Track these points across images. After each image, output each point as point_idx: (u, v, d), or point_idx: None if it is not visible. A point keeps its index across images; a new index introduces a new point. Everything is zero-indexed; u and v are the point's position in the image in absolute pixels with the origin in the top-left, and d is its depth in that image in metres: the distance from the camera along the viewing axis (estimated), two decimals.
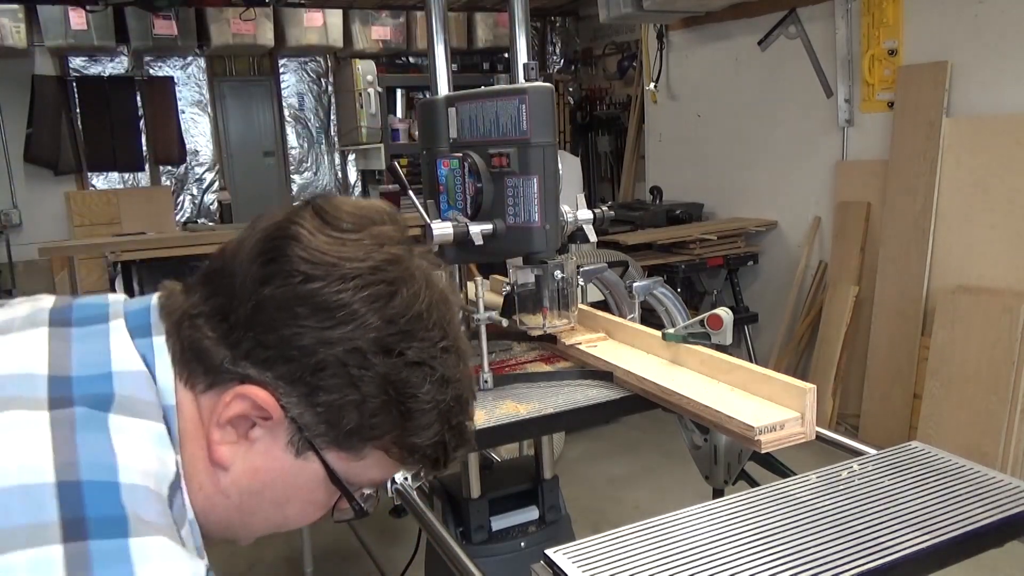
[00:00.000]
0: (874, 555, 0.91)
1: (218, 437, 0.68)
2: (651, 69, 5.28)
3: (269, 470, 0.70)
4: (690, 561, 0.92)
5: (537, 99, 1.42)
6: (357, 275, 0.67)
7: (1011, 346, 3.17)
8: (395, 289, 0.68)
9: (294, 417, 0.68)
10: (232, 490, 0.70)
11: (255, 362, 0.67)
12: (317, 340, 0.66)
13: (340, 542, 3.26)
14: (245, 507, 0.72)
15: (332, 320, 0.66)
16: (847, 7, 3.96)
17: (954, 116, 3.54)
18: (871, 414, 3.82)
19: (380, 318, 0.67)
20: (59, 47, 5.22)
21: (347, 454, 0.70)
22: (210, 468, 0.69)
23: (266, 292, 0.67)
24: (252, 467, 0.70)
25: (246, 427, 0.69)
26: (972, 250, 3.47)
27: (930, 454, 1.17)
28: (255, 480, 0.70)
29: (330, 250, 0.68)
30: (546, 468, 1.89)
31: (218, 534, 0.74)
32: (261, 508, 0.73)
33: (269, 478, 0.71)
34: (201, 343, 0.68)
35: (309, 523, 0.78)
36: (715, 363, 1.39)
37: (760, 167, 4.60)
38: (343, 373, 0.67)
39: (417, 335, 0.69)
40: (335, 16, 5.63)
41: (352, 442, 0.70)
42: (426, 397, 0.69)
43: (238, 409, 0.67)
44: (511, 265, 1.55)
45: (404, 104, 6.09)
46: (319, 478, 0.71)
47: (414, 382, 0.69)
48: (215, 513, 0.71)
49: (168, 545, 0.58)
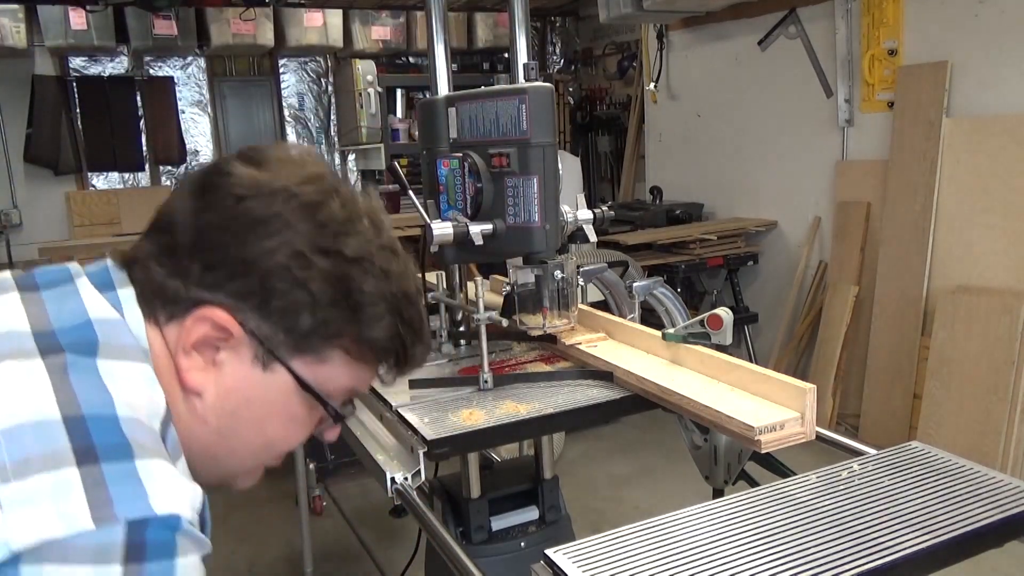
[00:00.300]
0: (874, 555, 0.91)
1: (187, 364, 0.72)
2: (651, 69, 5.28)
3: (240, 389, 0.73)
4: (690, 561, 0.92)
5: (537, 99, 1.42)
6: (285, 189, 0.73)
7: (1011, 346, 3.17)
8: (323, 199, 0.74)
9: (253, 330, 0.72)
10: (209, 415, 0.73)
11: (206, 286, 0.71)
12: (259, 251, 0.71)
13: (340, 542, 3.26)
14: (225, 430, 0.74)
15: (268, 230, 0.71)
16: (847, 7, 3.97)
17: (954, 116, 3.54)
18: (871, 414, 3.82)
19: (312, 223, 0.72)
20: (59, 47, 5.21)
21: (310, 358, 0.74)
22: (186, 398, 0.72)
23: (205, 218, 0.72)
24: (224, 389, 0.73)
25: (212, 352, 0.72)
26: (972, 250, 3.47)
27: (930, 454, 1.17)
28: (229, 400, 0.73)
29: (259, 176, 0.74)
30: (546, 468, 1.89)
31: (208, 471, 0.76)
32: (241, 430, 0.75)
33: (242, 396, 0.74)
34: (155, 280, 0.72)
35: (295, 445, 0.80)
36: (715, 363, 1.39)
37: (760, 167, 4.60)
38: (288, 277, 0.71)
39: (351, 235, 0.74)
40: (335, 16, 5.63)
41: (312, 344, 0.73)
42: (371, 290, 0.74)
43: (200, 332, 0.71)
44: (511, 265, 1.55)
45: (404, 104, 6.09)
46: (290, 389, 0.74)
47: (356, 276, 0.73)
48: (198, 443, 0.73)
49: (168, 467, 0.62)
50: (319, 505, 3.43)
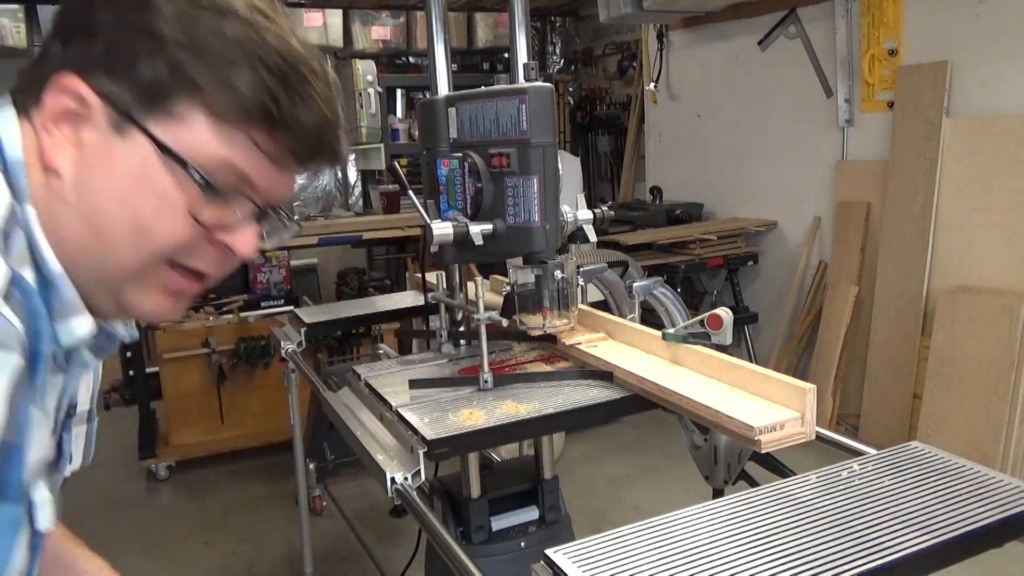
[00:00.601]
0: (874, 555, 0.91)
1: (48, 144, 0.69)
2: (651, 69, 5.28)
3: (99, 160, 0.69)
4: (690, 561, 0.92)
5: (537, 99, 1.42)
6: None
7: (1011, 346, 3.17)
8: None
9: (103, 91, 0.68)
10: (69, 193, 0.69)
11: (65, 60, 0.69)
12: (105, 6, 0.68)
13: (340, 542, 3.26)
14: (87, 210, 0.69)
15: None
16: (847, 7, 3.97)
17: (954, 116, 3.54)
18: (871, 414, 3.82)
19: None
20: None
21: (166, 118, 0.68)
22: (47, 179, 0.69)
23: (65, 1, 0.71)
24: (83, 163, 0.69)
25: (73, 130, 0.69)
26: (972, 250, 3.47)
27: (930, 454, 1.17)
28: (89, 174, 0.69)
29: None
30: (546, 468, 1.89)
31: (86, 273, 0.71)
32: (107, 209, 0.69)
33: (103, 169, 0.69)
34: (27, 71, 0.72)
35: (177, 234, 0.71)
36: (715, 363, 1.39)
37: (760, 167, 4.60)
38: (128, 24, 0.67)
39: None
40: (335, 16, 5.63)
41: (165, 100, 0.68)
42: (226, 32, 0.68)
43: (57, 104, 0.68)
44: (511, 265, 1.55)
45: (404, 104, 6.08)
46: (152, 157, 0.68)
47: (205, 20, 0.67)
48: (65, 230, 0.69)
49: None
50: (319, 505, 3.43)
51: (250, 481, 3.82)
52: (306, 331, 2.20)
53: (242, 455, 3.95)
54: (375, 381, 1.64)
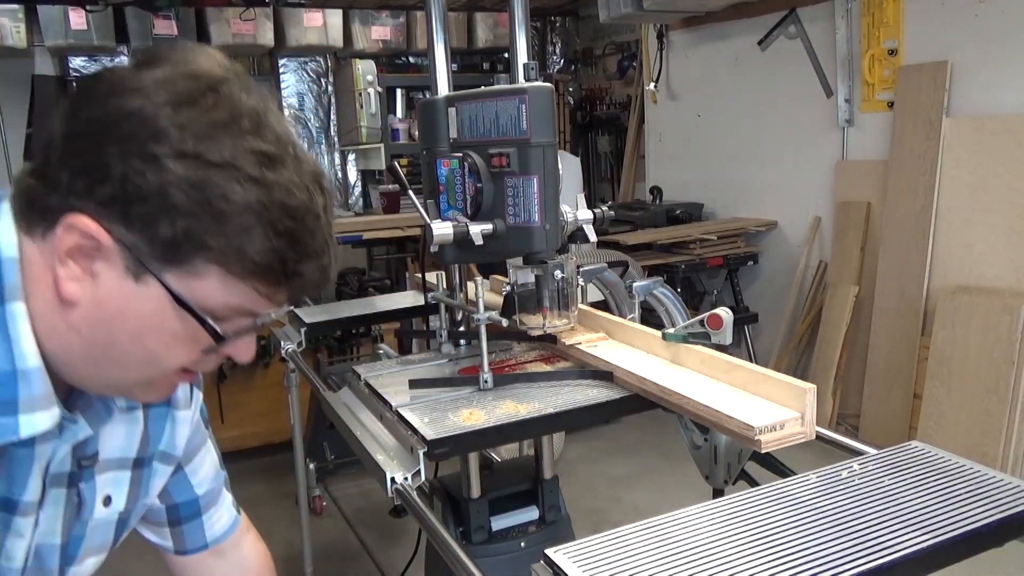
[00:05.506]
0: (874, 555, 0.91)
1: (63, 274, 0.70)
2: (651, 69, 5.28)
3: (113, 299, 0.71)
4: (690, 561, 0.92)
5: (537, 99, 1.42)
6: (154, 84, 0.68)
7: (1011, 346, 3.17)
8: (194, 97, 0.69)
9: (120, 239, 0.69)
10: (83, 325, 0.72)
11: (76, 194, 0.69)
12: (117, 154, 0.67)
13: (340, 542, 3.26)
14: (100, 340, 0.73)
15: (123, 130, 0.67)
16: (847, 7, 3.96)
17: (954, 116, 3.54)
18: (871, 414, 3.82)
19: (173, 123, 0.67)
20: (59, 47, 5.21)
21: (181, 271, 0.70)
22: (62, 308, 0.72)
23: (72, 124, 0.70)
24: (98, 299, 0.71)
25: (88, 262, 0.70)
26: (972, 250, 3.47)
27: (930, 454, 1.17)
28: (102, 311, 0.71)
29: (132, 74, 0.70)
30: (546, 468, 1.89)
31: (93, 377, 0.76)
32: (118, 342, 0.73)
33: (115, 307, 0.71)
34: (31, 191, 0.71)
35: (188, 362, 0.77)
36: (715, 363, 1.39)
37: (760, 167, 4.60)
38: (145, 181, 0.67)
39: (218, 138, 0.68)
40: (335, 16, 5.63)
41: (179, 255, 0.69)
42: (236, 199, 0.68)
43: (70, 241, 0.69)
44: (511, 265, 1.55)
45: (404, 104, 6.08)
46: (164, 302, 0.71)
47: (219, 183, 0.68)
48: (73, 352, 0.73)
49: None
50: (319, 505, 3.43)
51: (250, 481, 3.81)
52: (306, 331, 2.20)
53: (242, 455, 3.94)
54: (375, 381, 1.64)
